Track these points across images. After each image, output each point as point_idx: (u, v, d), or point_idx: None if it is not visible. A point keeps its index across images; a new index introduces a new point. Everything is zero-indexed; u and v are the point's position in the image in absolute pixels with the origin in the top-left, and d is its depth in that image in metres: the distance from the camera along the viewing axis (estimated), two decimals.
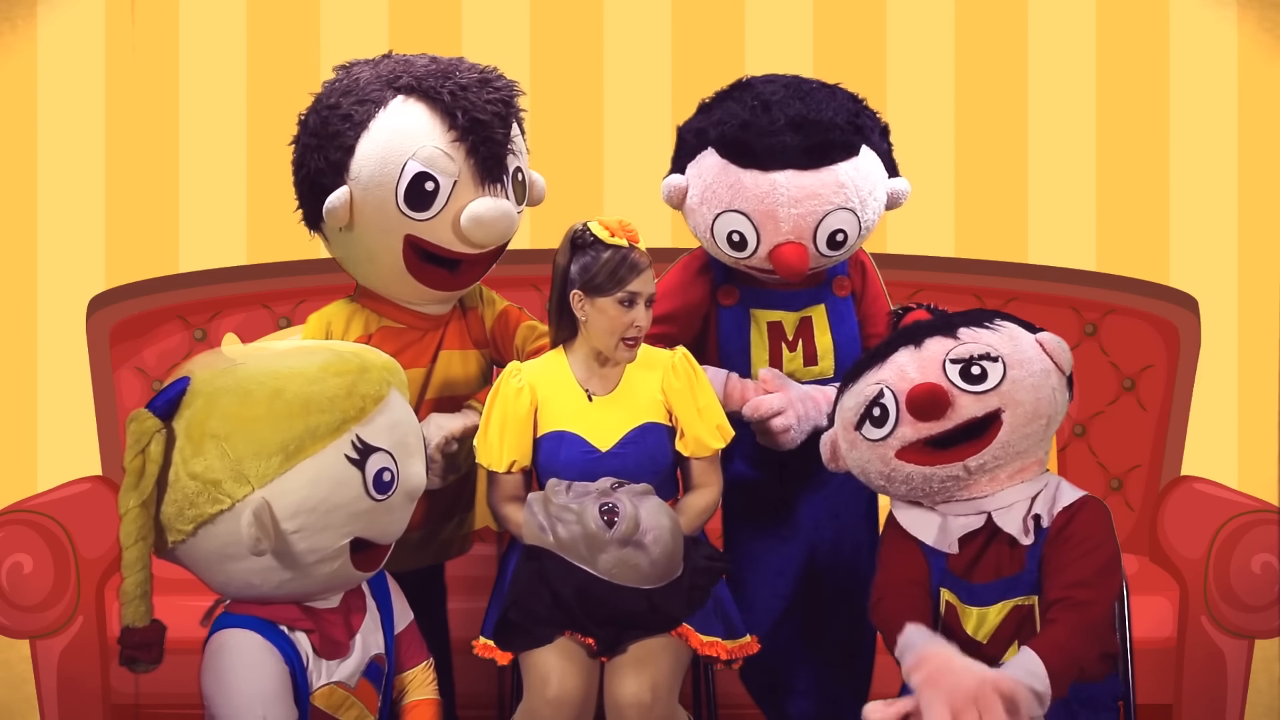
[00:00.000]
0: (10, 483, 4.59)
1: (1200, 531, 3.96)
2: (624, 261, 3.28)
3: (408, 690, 3.29)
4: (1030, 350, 3.23)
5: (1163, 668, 3.93)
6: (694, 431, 3.36)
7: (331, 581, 3.13)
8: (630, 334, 3.30)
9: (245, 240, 4.85)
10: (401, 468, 3.13)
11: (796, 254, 3.43)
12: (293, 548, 3.05)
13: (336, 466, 3.06)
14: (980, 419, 3.19)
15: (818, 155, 3.42)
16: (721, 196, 3.47)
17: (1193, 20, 4.84)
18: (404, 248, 3.43)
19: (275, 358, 3.15)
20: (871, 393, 3.23)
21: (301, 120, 3.50)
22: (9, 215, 4.84)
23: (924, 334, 3.26)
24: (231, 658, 3.08)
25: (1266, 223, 4.83)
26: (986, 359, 3.20)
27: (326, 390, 3.08)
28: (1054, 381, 3.23)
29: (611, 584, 3.21)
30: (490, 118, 3.42)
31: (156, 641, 3.11)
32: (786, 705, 3.67)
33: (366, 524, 3.11)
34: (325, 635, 3.14)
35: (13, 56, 4.84)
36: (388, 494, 3.11)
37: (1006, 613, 3.21)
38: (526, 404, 3.35)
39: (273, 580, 3.09)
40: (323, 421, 3.05)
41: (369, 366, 3.16)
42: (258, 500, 3.01)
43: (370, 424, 3.10)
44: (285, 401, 3.05)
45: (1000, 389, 3.19)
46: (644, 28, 4.89)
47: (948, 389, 3.18)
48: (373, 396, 3.12)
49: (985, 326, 3.26)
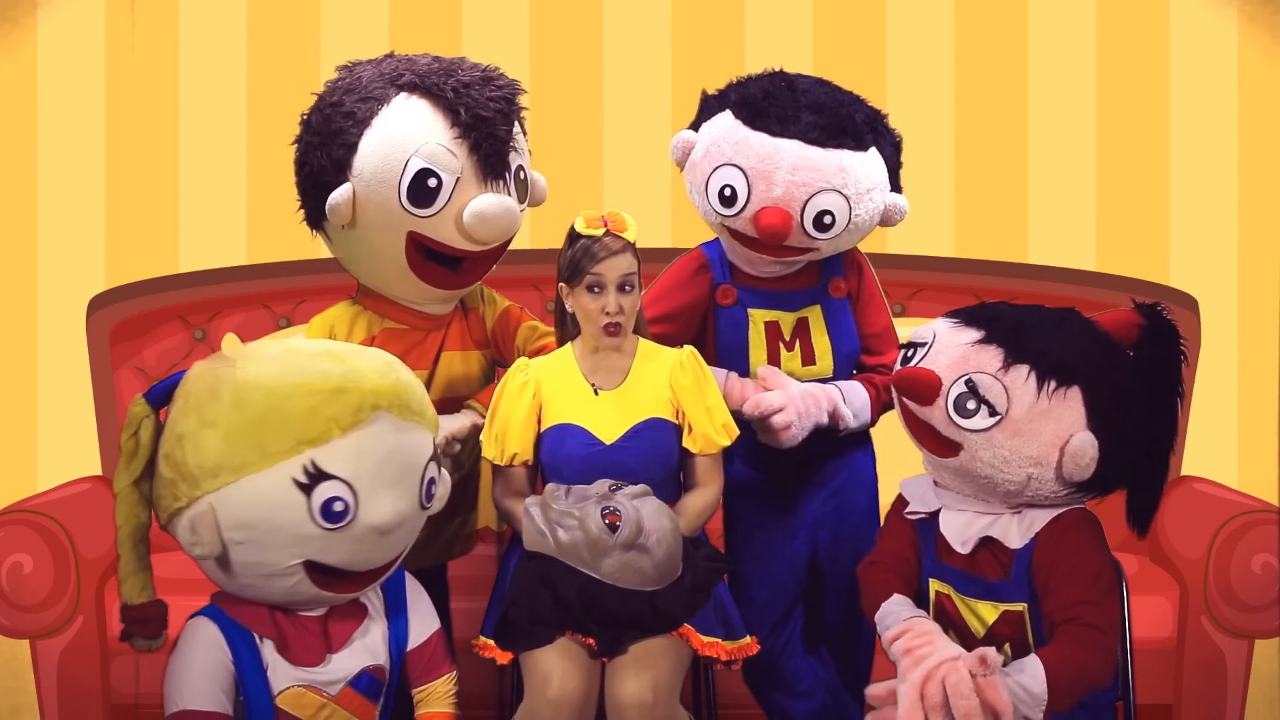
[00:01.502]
0: (10, 483, 4.59)
1: (1200, 531, 3.96)
2: (586, 250, 3.30)
3: (423, 703, 3.29)
4: (1043, 436, 3.14)
5: (1163, 668, 3.93)
6: (701, 428, 3.37)
7: (293, 596, 3.11)
8: (603, 320, 3.30)
9: (245, 240, 4.85)
10: (364, 500, 3.03)
11: (780, 217, 3.43)
12: (238, 558, 3.05)
13: (280, 488, 2.99)
14: (944, 437, 3.20)
15: (828, 134, 3.45)
16: (724, 151, 3.49)
17: (1193, 20, 4.85)
18: (407, 245, 3.44)
19: (275, 362, 3.09)
20: (919, 335, 3.28)
21: (304, 119, 3.51)
22: (9, 215, 4.84)
23: (1001, 337, 3.18)
24: (180, 641, 3.13)
25: (1266, 223, 4.84)
26: (987, 407, 3.16)
27: (290, 408, 3.00)
28: (1035, 472, 3.15)
29: (613, 586, 3.21)
30: (493, 115, 3.43)
31: (154, 618, 3.14)
32: (786, 704, 3.67)
33: (319, 550, 3.04)
34: (288, 640, 3.13)
35: (13, 56, 4.84)
36: (339, 524, 3.02)
37: (998, 615, 3.22)
38: (530, 398, 3.36)
39: (228, 585, 3.12)
40: (275, 440, 2.99)
41: (349, 390, 3.03)
42: (204, 506, 3.02)
43: (330, 449, 3.01)
44: (244, 414, 3.00)
45: (974, 435, 3.16)
46: (644, 28, 4.89)
47: (939, 386, 3.18)
48: (341, 421, 3.01)
49: (1048, 373, 3.12)
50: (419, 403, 3.15)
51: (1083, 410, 3.13)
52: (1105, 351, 3.18)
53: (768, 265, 3.57)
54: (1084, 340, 3.18)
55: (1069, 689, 3.08)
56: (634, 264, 3.32)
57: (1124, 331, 3.23)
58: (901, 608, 3.23)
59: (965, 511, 3.24)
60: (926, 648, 3.12)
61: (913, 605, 3.24)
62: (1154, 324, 3.23)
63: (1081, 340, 3.18)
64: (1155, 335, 3.22)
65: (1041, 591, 3.17)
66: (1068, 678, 3.07)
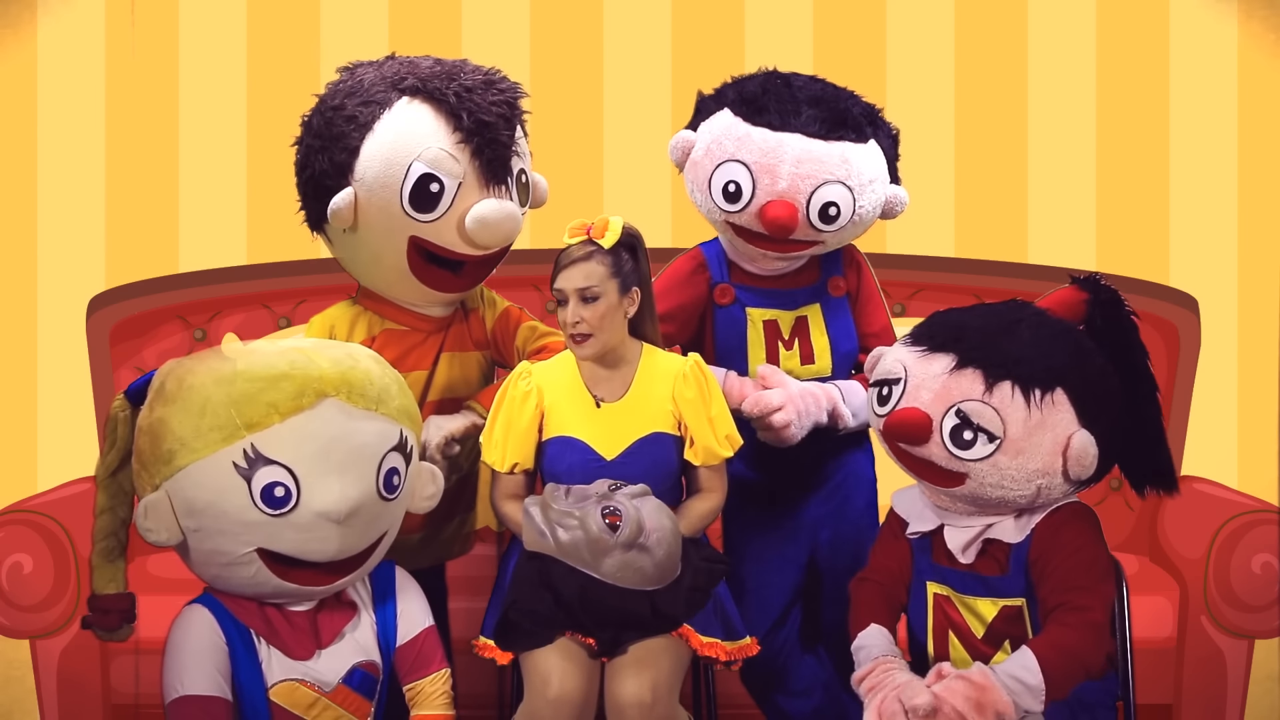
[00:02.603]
0: (10, 483, 4.59)
1: (1200, 531, 3.96)
2: (555, 262, 3.30)
3: (417, 702, 3.29)
4: (1044, 447, 3.14)
5: (1163, 668, 3.93)
6: (704, 441, 3.36)
7: (257, 587, 3.13)
8: (568, 331, 3.30)
9: (245, 240, 4.85)
10: (306, 485, 3.05)
11: (787, 210, 3.44)
12: (196, 545, 3.11)
13: (223, 473, 3.04)
14: (946, 471, 3.19)
15: (828, 127, 3.46)
16: (726, 148, 3.49)
17: (1193, 20, 4.85)
18: (408, 249, 3.43)
19: (235, 355, 3.13)
20: (889, 372, 3.25)
21: (305, 121, 3.50)
22: (9, 215, 4.84)
23: (973, 357, 3.16)
24: (175, 626, 3.16)
25: (1266, 223, 4.84)
26: (985, 435, 3.16)
27: (230, 394, 3.05)
28: (1044, 482, 3.15)
29: (613, 585, 3.21)
30: (495, 119, 3.43)
31: (117, 610, 3.21)
32: (785, 704, 3.67)
33: (268, 537, 3.07)
34: (278, 633, 3.15)
35: (13, 57, 4.84)
36: (282, 510, 3.05)
37: (997, 611, 3.22)
38: (533, 408, 3.35)
39: (200, 574, 3.17)
40: (215, 424, 3.04)
41: (293, 376, 3.07)
42: (159, 494, 3.08)
43: (270, 434, 3.04)
44: (189, 400, 3.07)
45: (978, 464, 3.15)
46: (644, 28, 4.89)
47: (931, 425, 3.16)
48: (280, 406, 3.05)
49: (1031, 383, 3.12)
50: (378, 391, 3.15)
51: (1072, 410, 3.14)
52: (1071, 342, 3.20)
53: (772, 261, 3.57)
54: (1047, 336, 3.19)
55: (1063, 674, 3.09)
56: (599, 271, 3.26)
57: (1072, 311, 3.25)
58: (875, 642, 3.25)
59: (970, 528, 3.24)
60: (888, 684, 3.14)
61: (889, 640, 3.26)
62: (1097, 295, 3.25)
63: (1045, 337, 3.18)
64: (1102, 306, 3.24)
65: (1036, 582, 3.18)
66: (1060, 663, 3.08)
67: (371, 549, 3.19)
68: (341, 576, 3.16)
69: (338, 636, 3.19)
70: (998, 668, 3.10)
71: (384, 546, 3.23)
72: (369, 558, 3.20)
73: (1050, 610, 3.15)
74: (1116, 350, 3.23)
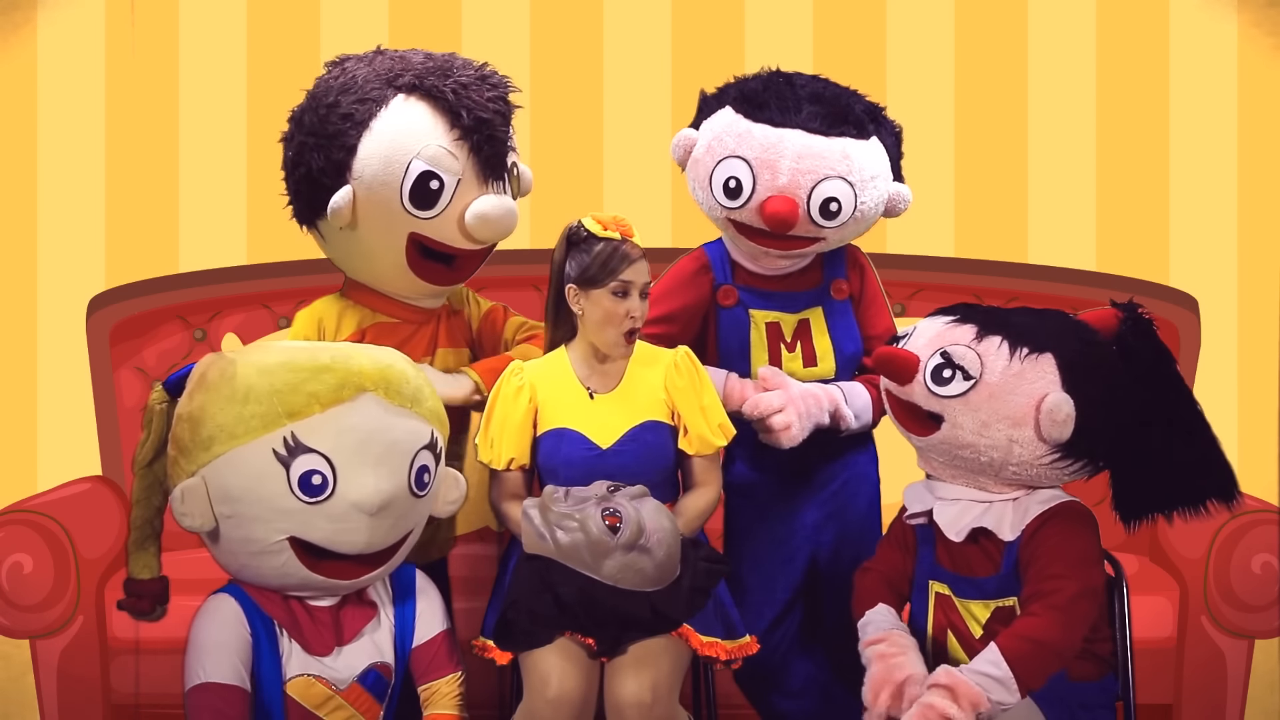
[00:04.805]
0: (10, 483, 4.59)
1: (1200, 531, 3.94)
2: (615, 252, 3.30)
3: (429, 704, 3.30)
4: (1018, 396, 3.17)
5: (1163, 668, 3.92)
6: (697, 429, 3.37)
7: (284, 578, 3.17)
8: (626, 325, 3.31)
9: (245, 240, 4.85)
10: (343, 475, 3.10)
11: (787, 205, 3.44)
12: (228, 533, 3.15)
13: (262, 460, 3.09)
14: (925, 413, 3.23)
15: (829, 123, 3.47)
16: (727, 144, 3.50)
17: (1193, 20, 4.85)
18: (407, 245, 3.44)
19: (274, 349, 3.21)
20: (904, 332, 3.35)
21: (294, 116, 3.49)
22: (9, 215, 4.85)
23: (975, 317, 3.26)
24: (200, 616, 3.20)
25: (1266, 223, 4.84)
26: (961, 372, 3.20)
27: (272, 383, 3.11)
28: (1016, 435, 3.18)
29: (613, 586, 3.21)
30: (493, 116, 3.44)
31: (153, 594, 3.29)
32: (781, 704, 3.67)
33: (301, 525, 3.12)
34: (300, 626, 3.18)
35: (13, 56, 4.84)
36: (318, 498, 3.10)
37: (991, 613, 3.23)
38: (526, 403, 3.35)
39: (227, 565, 3.21)
40: (257, 412, 3.09)
41: (334, 368, 3.14)
42: (196, 480, 3.12)
43: (310, 423, 3.10)
44: (232, 388, 3.12)
45: (951, 401, 3.19)
46: (644, 27, 4.89)
47: (917, 363, 3.22)
48: (322, 397, 3.11)
49: (1019, 340, 3.19)
50: (413, 391, 3.20)
51: (1056, 375, 3.17)
52: (1079, 331, 3.24)
53: (774, 259, 3.57)
54: (1058, 321, 3.26)
55: (1030, 661, 3.10)
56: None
57: (1104, 324, 3.28)
58: (885, 618, 3.29)
59: (959, 501, 3.26)
60: (899, 657, 3.18)
61: (897, 618, 3.30)
62: (1132, 317, 3.28)
63: (1055, 320, 3.26)
64: (1134, 326, 3.27)
65: (1023, 578, 3.19)
66: (1024, 650, 3.10)
67: (397, 546, 3.22)
68: (367, 571, 3.19)
69: (358, 635, 3.22)
70: (964, 666, 3.12)
71: (409, 545, 3.26)
72: (394, 554, 3.23)
73: (1023, 601, 3.18)
74: (1141, 369, 3.24)
